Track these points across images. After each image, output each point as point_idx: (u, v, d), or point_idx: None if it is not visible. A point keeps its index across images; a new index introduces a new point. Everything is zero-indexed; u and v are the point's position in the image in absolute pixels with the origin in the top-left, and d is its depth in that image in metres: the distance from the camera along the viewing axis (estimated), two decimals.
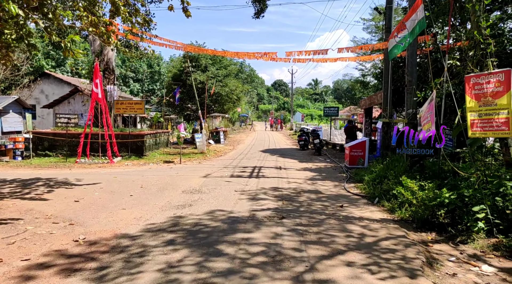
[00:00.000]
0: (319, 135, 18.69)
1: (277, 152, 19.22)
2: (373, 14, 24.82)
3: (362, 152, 13.04)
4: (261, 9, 22.76)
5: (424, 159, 10.07)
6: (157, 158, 15.00)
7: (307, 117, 70.32)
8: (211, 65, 25.67)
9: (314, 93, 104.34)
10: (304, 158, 16.10)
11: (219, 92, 24.14)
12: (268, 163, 14.10)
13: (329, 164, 14.13)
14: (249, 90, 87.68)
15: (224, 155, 17.64)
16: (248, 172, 11.43)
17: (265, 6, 22.70)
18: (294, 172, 11.75)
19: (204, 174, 10.82)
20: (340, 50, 11.82)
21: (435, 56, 10.74)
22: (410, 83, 9.74)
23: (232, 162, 14.39)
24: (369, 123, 18.78)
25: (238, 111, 54.98)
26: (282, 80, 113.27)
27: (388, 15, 11.54)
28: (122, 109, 14.44)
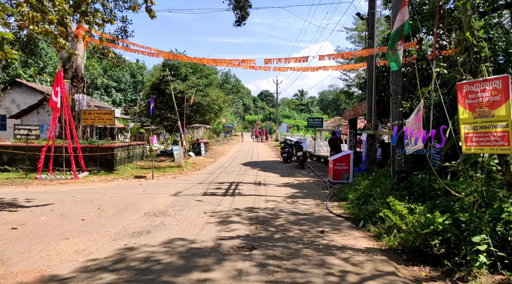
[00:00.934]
0: (303, 147, 17.96)
1: (259, 165, 18.38)
2: (356, 24, 24.56)
3: (346, 165, 12.32)
4: (242, 17, 22.19)
5: (411, 174, 9.39)
6: (128, 172, 13.95)
7: (293, 128, 69.96)
8: (192, 74, 24.87)
9: (300, 104, 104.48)
10: (286, 172, 15.30)
11: (199, 102, 23.30)
12: (248, 177, 13.23)
13: (312, 179, 13.36)
14: (234, 100, 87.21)
15: (202, 168, 16.69)
16: (224, 189, 10.52)
17: (246, 14, 22.16)
18: (274, 188, 10.91)
19: (175, 192, 9.86)
20: (321, 57, 11.19)
21: (421, 65, 10.17)
22: (395, 92, 9.10)
23: (209, 176, 13.47)
24: (353, 135, 18.16)
25: (222, 122, 54.10)
26: (268, 90, 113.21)
27: (371, 21, 10.98)
28: (89, 120, 13.41)
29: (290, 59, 11.74)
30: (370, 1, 11.40)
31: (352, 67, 15.00)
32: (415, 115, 7.09)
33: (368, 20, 11.15)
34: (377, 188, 8.53)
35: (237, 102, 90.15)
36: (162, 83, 23.63)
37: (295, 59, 11.67)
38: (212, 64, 14.17)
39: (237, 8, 22.09)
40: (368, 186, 9.31)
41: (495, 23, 10.01)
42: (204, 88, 24.22)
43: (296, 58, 11.65)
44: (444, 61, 9.23)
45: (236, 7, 22.12)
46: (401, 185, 8.53)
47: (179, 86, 22.94)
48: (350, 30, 25.00)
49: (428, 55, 10.21)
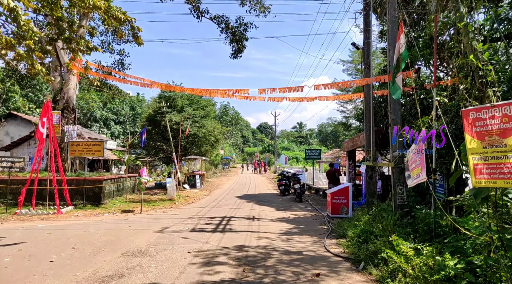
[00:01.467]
0: (300, 179, 17.34)
1: (255, 197, 17.67)
2: (352, 56, 24.75)
3: (345, 199, 11.67)
4: (238, 50, 22.37)
5: (414, 209, 8.77)
6: (116, 206, 13.25)
7: (292, 160, 69.42)
8: (188, 105, 24.71)
9: (299, 136, 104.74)
10: (283, 205, 14.59)
11: (195, 133, 22.95)
12: (241, 211, 12.53)
13: (309, 213, 12.65)
14: (233, 132, 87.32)
15: (196, 201, 15.97)
16: (214, 224, 9.83)
17: (243, 47, 22.33)
18: (268, 223, 10.21)
19: (161, 228, 9.17)
20: (317, 87, 10.89)
21: (420, 94, 9.83)
22: (394, 121, 8.68)
23: (201, 210, 12.76)
24: (352, 166, 17.62)
25: (221, 154, 53.66)
26: (267, 123, 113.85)
27: (366, 51, 10.80)
28: (77, 151, 12.90)
29: (285, 89, 11.45)
30: (365, 32, 11.28)
31: (349, 98, 14.73)
32: (417, 145, 6.61)
33: (364, 50, 10.97)
34: (379, 223, 7.90)
35: (236, 134, 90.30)
36: (158, 114, 23.40)
37: (290, 89, 11.38)
38: (206, 95, 13.89)
39: (233, 41, 22.34)
40: (368, 222, 8.67)
41: (495, 50, 9.77)
42: (200, 119, 23.97)
43: (291, 88, 11.36)
44: (443, 91, 8.89)
45: (232, 40, 22.37)
46: (404, 220, 7.89)
47: (174, 117, 22.68)
48: (346, 63, 25.18)
49: (426, 85, 9.92)
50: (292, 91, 11.25)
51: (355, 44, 11.29)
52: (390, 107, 8.79)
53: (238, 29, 21.56)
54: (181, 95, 25.13)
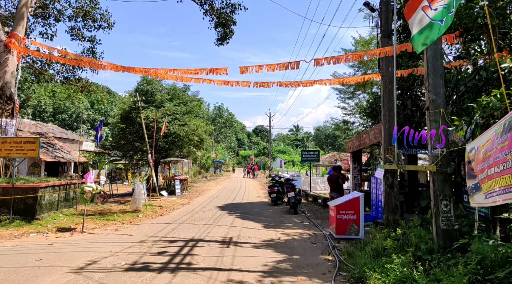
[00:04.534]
0: (295, 186, 14.39)
1: (240, 208, 14.67)
2: (355, 45, 21.94)
3: (355, 214, 8.73)
4: (225, 35, 19.48)
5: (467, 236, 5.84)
6: (55, 222, 10.22)
7: (289, 163, 66.54)
8: (168, 101, 21.68)
9: (295, 139, 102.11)
10: (273, 220, 11.61)
11: (176, 132, 19.93)
12: (217, 230, 9.54)
13: (307, 231, 9.70)
14: (226, 134, 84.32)
15: (166, 213, 12.96)
16: (170, 254, 6.82)
17: (230, 32, 19.44)
18: (249, 252, 7.23)
19: (85, 263, 6.15)
20: (317, 62, 7.98)
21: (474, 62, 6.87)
22: (434, 103, 5.77)
23: (165, 228, 9.75)
24: (358, 170, 14.73)
25: (212, 157, 50.65)
26: (263, 126, 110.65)
27: (385, 12, 7.95)
28: (4, 151, 9.87)
29: (274, 66, 8.52)
30: None
31: (356, 80, 11.82)
32: (501, 135, 3.66)
33: (382, 12, 8.10)
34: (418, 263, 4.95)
35: (230, 136, 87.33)
36: (134, 111, 20.38)
37: (282, 65, 8.45)
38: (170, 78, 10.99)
39: (219, 25, 19.45)
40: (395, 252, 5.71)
41: None
42: (182, 116, 20.97)
43: (283, 64, 8.44)
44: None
45: (218, 25, 19.50)
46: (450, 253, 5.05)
47: (152, 114, 19.66)
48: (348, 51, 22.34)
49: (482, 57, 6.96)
50: (284, 68, 8.35)
51: (368, 4, 8.45)
52: (429, 82, 5.87)
53: (224, 11, 18.73)
54: (160, 89, 22.13)
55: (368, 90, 20.88)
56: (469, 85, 5.86)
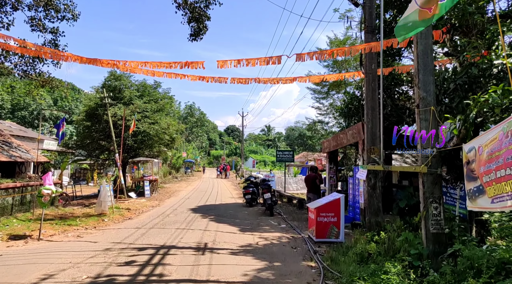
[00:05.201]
0: (271, 187, 13.97)
1: (214, 210, 14.07)
2: (331, 45, 21.87)
3: (335, 216, 8.41)
4: (198, 30, 18.76)
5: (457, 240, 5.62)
6: (9, 228, 9.19)
7: (260, 163, 66.33)
8: (138, 98, 20.63)
9: (267, 139, 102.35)
10: (249, 222, 11.11)
11: (146, 131, 18.97)
12: (191, 235, 8.91)
13: (285, 234, 9.28)
14: (198, 134, 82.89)
15: (135, 216, 12.14)
16: (139, 264, 6.16)
17: (204, 27, 18.75)
18: (226, 260, 6.69)
19: (42, 275, 5.39)
20: (299, 57, 7.57)
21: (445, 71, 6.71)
22: (424, 101, 5.50)
23: (134, 233, 9.01)
24: (334, 171, 14.53)
25: (183, 157, 49.42)
26: (235, 125, 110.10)
27: (369, 7, 7.66)
28: None
29: (254, 60, 8.03)
30: None
31: (337, 77, 11.56)
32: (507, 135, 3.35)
33: (366, 7, 7.81)
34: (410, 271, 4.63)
35: (202, 136, 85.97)
36: (100, 108, 19.20)
37: (263, 60, 7.98)
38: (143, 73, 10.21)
39: (192, 20, 18.71)
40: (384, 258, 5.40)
41: None
42: (152, 114, 20.00)
43: (264, 58, 7.96)
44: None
45: (191, 19, 18.75)
46: (438, 260, 4.78)
47: (119, 111, 18.59)
48: None
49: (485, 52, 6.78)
50: (265, 63, 7.89)
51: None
52: (418, 78, 5.60)
53: (198, 5, 18.03)
54: (130, 86, 21.02)
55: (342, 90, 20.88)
56: (459, 83, 5.63)
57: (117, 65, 10.21)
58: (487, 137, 3.75)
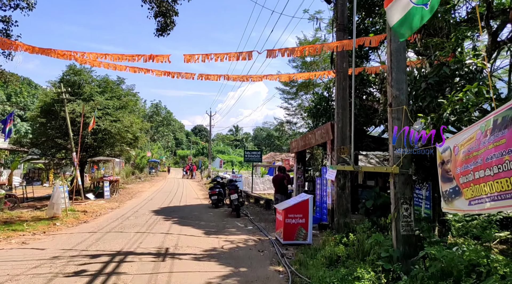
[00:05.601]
0: (238, 187, 13.59)
1: (178, 211, 13.47)
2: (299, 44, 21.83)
3: (303, 218, 8.17)
4: (166, 25, 18.03)
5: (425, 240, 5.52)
6: None
7: (228, 163, 65.71)
8: (99, 94, 19.51)
9: (235, 140, 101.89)
10: (215, 224, 10.66)
11: (107, 128, 17.94)
12: (151, 239, 8.34)
13: (252, 236, 8.94)
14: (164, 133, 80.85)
15: (91, 219, 11.31)
16: (90, 274, 5.56)
17: (172, 23, 18.05)
18: (189, 266, 6.22)
19: None
20: (270, 53, 7.28)
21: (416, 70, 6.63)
22: (397, 100, 5.36)
23: (88, 238, 8.29)
24: (302, 171, 14.41)
25: (147, 156, 47.85)
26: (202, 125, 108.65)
27: (341, 5, 7.50)
28: None
29: (223, 55, 7.62)
30: None
31: (308, 76, 11.38)
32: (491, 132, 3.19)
33: (338, 4, 7.64)
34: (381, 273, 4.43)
35: (168, 135, 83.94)
36: (57, 103, 17.95)
37: (232, 55, 7.58)
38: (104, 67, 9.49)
39: (159, 14, 17.95)
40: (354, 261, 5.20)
41: None
42: (115, 111, 18.97)
43: (234, 53, 7.57)
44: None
45: (158, 14, 17.98)
46: (409, 263, 4.64)
47: (79, 107, 17.44)
48: None
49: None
50: (234, 58, 7.50)
51: None
52: (391, 76, 5.45)
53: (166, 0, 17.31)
54: (90, 81, 19.84)
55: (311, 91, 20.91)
56: (430, 82, 5.54)
57: (74, 57, 9.45)
58: (463, 136, 3.59)
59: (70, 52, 9.05)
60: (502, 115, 2.97)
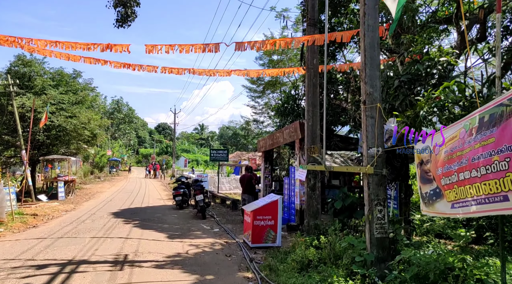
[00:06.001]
0: (204, 187, 13.07)
1: (139, 214, 12.74)
2: None
3: (272, 219, 7.88)
4: (126, 16, 17.08)
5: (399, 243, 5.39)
6: None
7: (193, 162, 64.47)
8: (53, 87, 18.14)
9: (200, 138, 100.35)
10: (179, 227, 10.12)
11: (61, 125, 16.70)
12: (109, 245, 7.68)
13: (218, 239, 8.52)
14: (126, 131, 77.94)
15: (42, 224, 10.35)
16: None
17: (132, 13, 17.11)
18: (151, 274, 5.71)
19: None
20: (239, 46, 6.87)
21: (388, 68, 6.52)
22: (371, 97, 5.18)
23: (35, 246, 7.49)
24: (269, 170, 14.16)
25: (107, 155, 45.74)
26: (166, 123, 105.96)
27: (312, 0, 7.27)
28: None
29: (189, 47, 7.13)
30: None
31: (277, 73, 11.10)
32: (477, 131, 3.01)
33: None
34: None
35: (130, 133, 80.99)
36: (4, 97, 16.46)
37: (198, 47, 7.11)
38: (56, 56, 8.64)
39: (119, 4, 16.96)
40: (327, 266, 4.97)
41: None
42: (70, 106, 17.71)
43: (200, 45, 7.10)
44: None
45: (118, 3, 16.98)
46: (382, 267, 4.47)
47: (29, 101, 16.08)
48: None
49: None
50: (201, 50, 7.03)
51: None
52: (365, 73, 5.26)
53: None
54: (43, 73, 18.39)
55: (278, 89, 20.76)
56: (403, 80, 5.42)
57: (20, 44, 8.50)
58: (445, 135, 3.41)
59: (15, 38, 8.13)
60: (489, 113, 2.79)
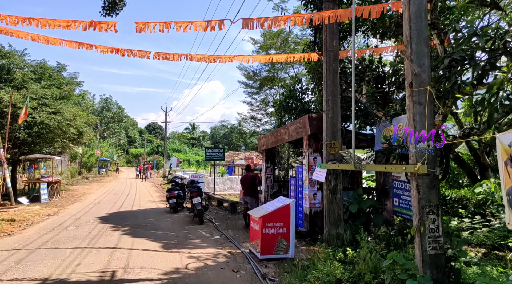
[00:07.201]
0: (201, 189, 11.98)
1: (130, 218, 11.58)
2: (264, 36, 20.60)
3: (284, 227, 6.86)
4: (114, 4, 15.86)
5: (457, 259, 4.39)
6: None
7: (184, 162, 63.14)
8: (34, 81, 16.80)
9: (191, 138, 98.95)
10: (175, 234, 9.01)
11: (44, 122, 15.42)
12: (94, 258, 6.55)
13: (221, 249, 7.45)
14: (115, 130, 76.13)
15: (20, 230, 9.14)
16: None
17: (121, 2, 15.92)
18: None
19: None
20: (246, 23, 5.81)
21: None
22: (418, 79, 4.18)
23: (5, 260, 6.30)
24: (271, 170, 13.12)
25: (96, 155, 44.17)
26: (157, 123, 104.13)
27: None
28: None
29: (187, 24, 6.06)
30: None
31: (285, 59, 10.05)
32: None
33: None
34: None
35: (119, 133, 79.17)
36: None
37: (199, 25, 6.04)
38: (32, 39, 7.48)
39: None
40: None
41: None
42: (53, 102, 16.42)
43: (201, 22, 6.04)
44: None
45: None
46: None
47: (7, 96, 14.75)
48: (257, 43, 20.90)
49: None
50: (202, 29, 5.97)
51: None
52: (411, 49, 4.26)
53: None
54: (23, 66, 17.04)
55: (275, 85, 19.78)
56: (455, 58, 4.43)
57: None
58: None
59: None
60: None
